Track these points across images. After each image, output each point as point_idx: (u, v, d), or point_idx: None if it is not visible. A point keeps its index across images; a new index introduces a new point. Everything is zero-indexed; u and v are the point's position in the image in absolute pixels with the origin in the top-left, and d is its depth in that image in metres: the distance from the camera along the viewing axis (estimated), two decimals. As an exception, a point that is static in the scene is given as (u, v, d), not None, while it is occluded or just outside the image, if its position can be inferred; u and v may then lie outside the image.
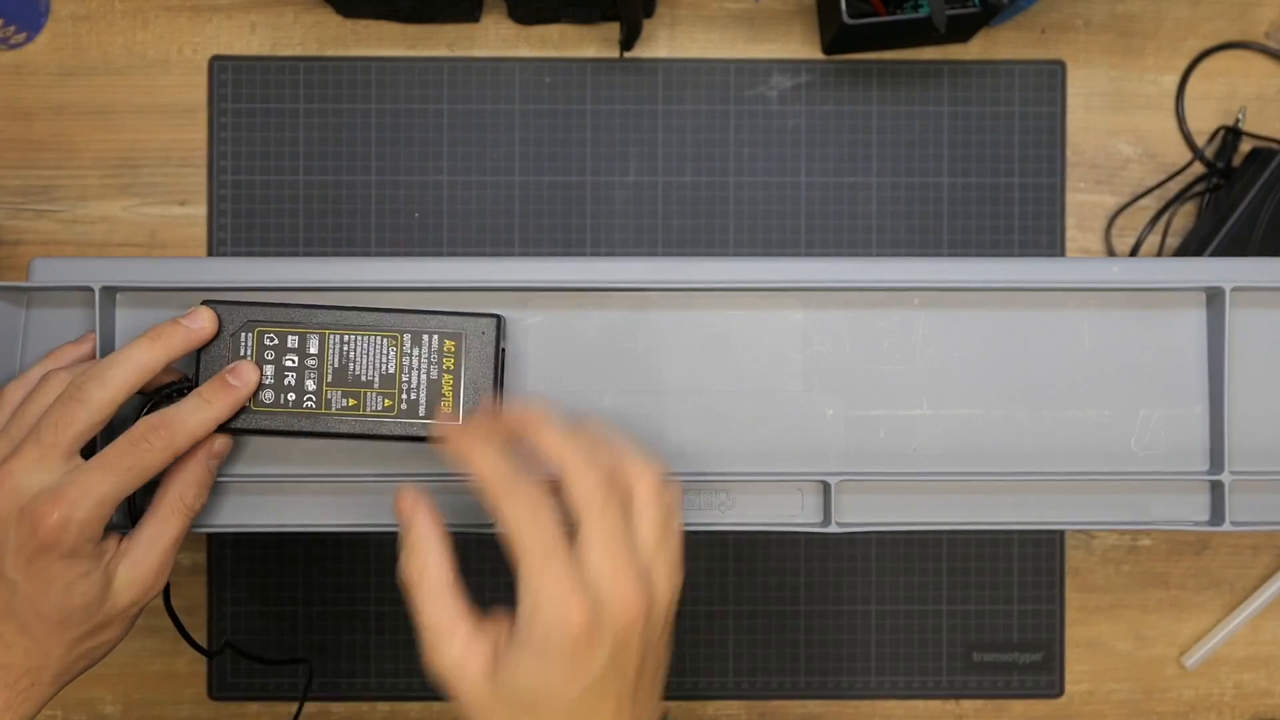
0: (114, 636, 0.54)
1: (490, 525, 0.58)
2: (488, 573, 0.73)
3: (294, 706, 0.73)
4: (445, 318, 0.55)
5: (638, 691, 0.49)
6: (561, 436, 0.49)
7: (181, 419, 0.52)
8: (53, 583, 0.50)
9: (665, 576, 0.49)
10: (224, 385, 0.54)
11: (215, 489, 0.57)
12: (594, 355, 0.58)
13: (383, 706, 0.74)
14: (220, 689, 0.74)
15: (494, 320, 0.55)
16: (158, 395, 0.55)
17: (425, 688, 0.74)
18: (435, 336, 0.55)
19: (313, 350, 0.55)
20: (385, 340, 0.55)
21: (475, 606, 0.49)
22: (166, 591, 0.59)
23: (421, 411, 0.55)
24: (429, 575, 0.49)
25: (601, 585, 0.47)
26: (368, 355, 0.55)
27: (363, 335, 0.55)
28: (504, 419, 0.50)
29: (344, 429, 0.55)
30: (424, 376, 0.55)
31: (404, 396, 0.55)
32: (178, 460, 0.53)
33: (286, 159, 0.74)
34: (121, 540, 0.53)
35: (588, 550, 0.47)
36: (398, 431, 0.55)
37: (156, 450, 0.51)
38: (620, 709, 0.48)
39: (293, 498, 0.59)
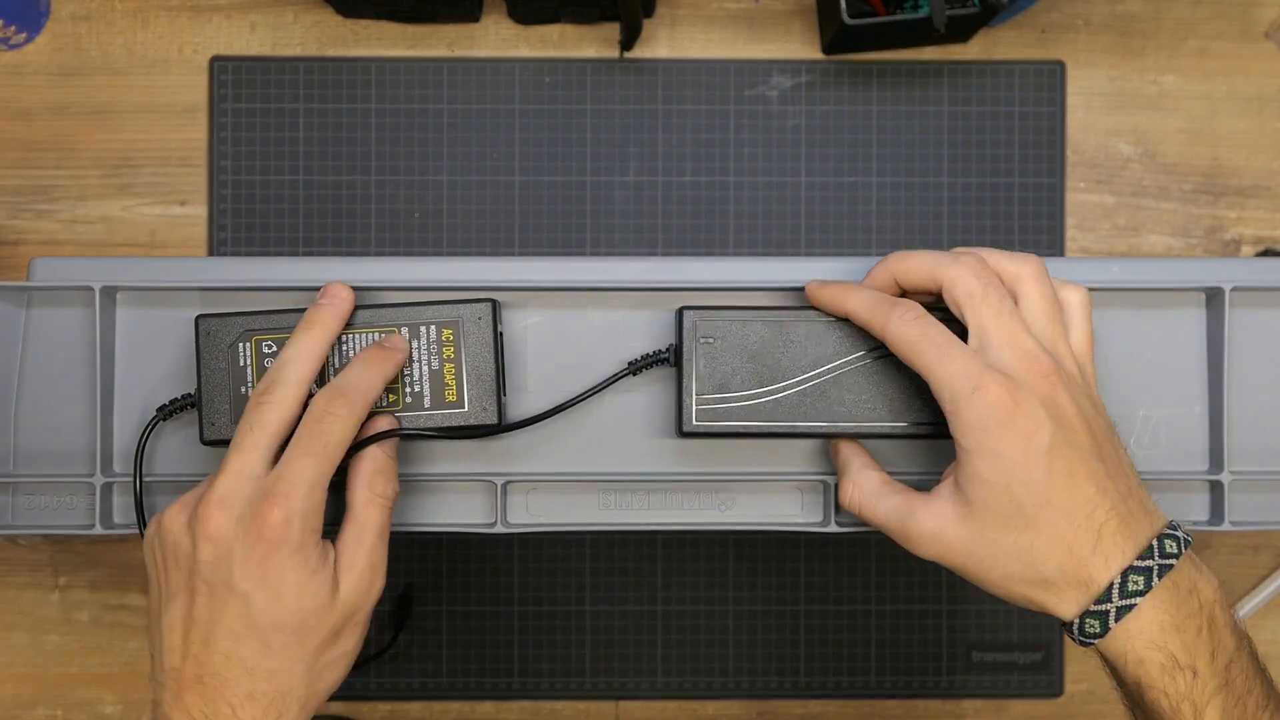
0: (350, 646, 0.52)
1: (490, 525, 0.58)
2: (488, 573, 0.73)
3: (294, 706, 0.73)
4: (440, 307, 0.55)
5: (1107, 465, 0.49)
6: (929, 259, 0.52)
7: (354, 384, 0.52)
8: (286, 585, 0.49)
9: (1065, 346, 0.51)
10: (381, 349, 0.54)
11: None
12: (594, 355, 0.58)
13: (383, 707, 0.74)
14: (220, 689, 0.74)
15: (489, 305, 0.55)
16: (163, 412, 0.55)
17: (425, 688, 0.74)
18: (433, 327, 0.55)
19: None
20: (383, 336, 0.55)
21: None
22: None
23: (427, 403, 0.55)
24: (864, 484, 0.54)
25: (1007, 361, 0.48)
26: None
27: (360, 333, 0.55)
28: (868, 274, 0.54)
29: None
30: (426, 368, 0.55)
31: (408, 389, 0.55)
32: (357, 458, 0.53)
33: (286, 159, 0.74)
34: (328, 546, 0.52)
35: (983, 335, 0.49)
36: (406, 428, 0.54)
37: (341, 418, 0.50)
38: (1098, 482, 0.48)
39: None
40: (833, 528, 0.58)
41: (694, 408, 0.55)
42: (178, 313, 0.57)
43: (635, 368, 0.57)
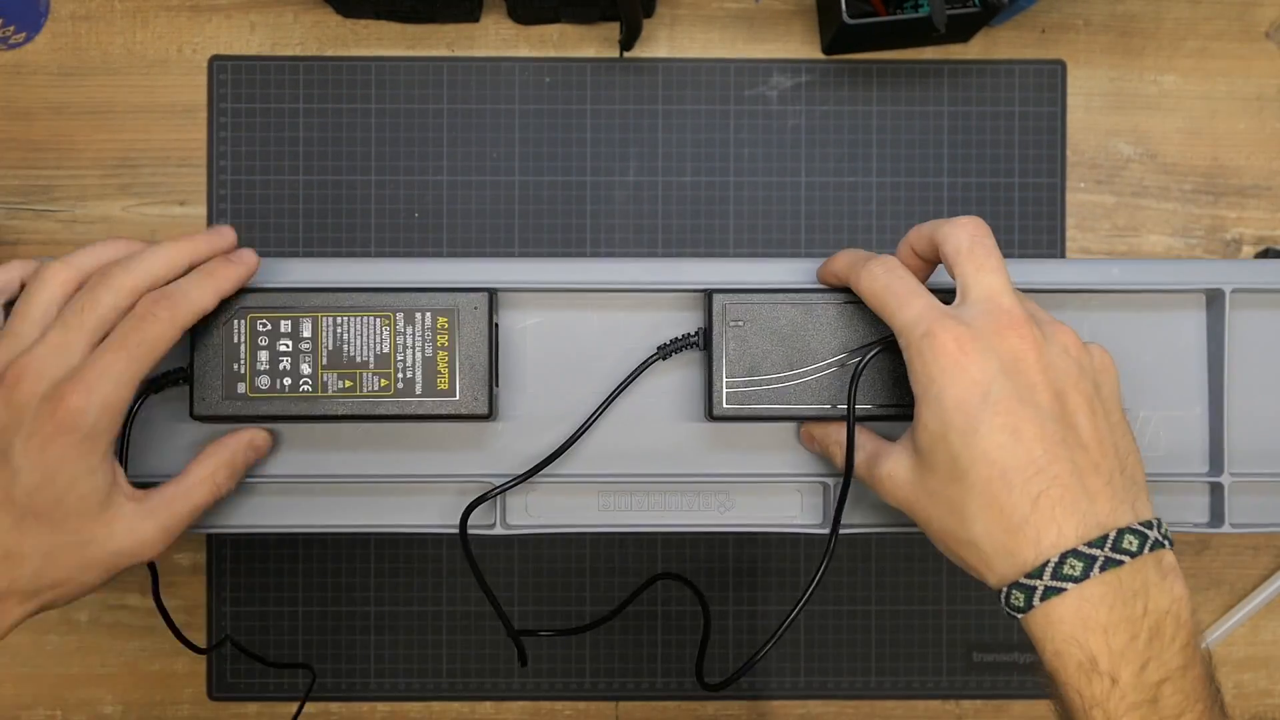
0: (89, 581, 0.51)
1: (490, 526, 0.58)
2: (488, 574, 0.73)
3: (293, 707, 0.73)
4: (437, 294, 0.55)
5: (1078, 434, 0.47)
6: (934, 222, 0.51)
7: (183, 290, 0.51)
8: (60, 472, 0.48)
9: (1059, 327, 0.49)
10: (225, 260, 0.53)
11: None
12: (593, 355, 0.58)
13: (382, 707, 0.74)
14: (220, 689, 0.74)
15: (485, 295, 0.55)
16: (153, 384, 0.55)
17: (425, 688, 0.74)
18: (428, 314, 0.55)
19: (306, 334, 0.55)
20: (378, 320, 0.55)
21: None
22: (155, 584, 0.59)
23: (418, 390, 0.55)
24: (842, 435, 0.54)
25: (975, 314, 0.48)
26: (361, 336, 0.55)
27: (355, 316, 0.55)
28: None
29: (341, 411, 0.55)
30: (419, 354, 0.55)
31: (400, 375, 0.55)
32: (216, 442, 0.54)
33: (286, 159, 0.74)
34: (141, 490, 0.52)
35: (964, 290, 0.49)
36: (394, 411, 0.55)
37: (162, 321, 0.50)
38: (1050, 446, 0.46)
39: (295, 499, 0.59)
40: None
41: (724, 391, 0.55)
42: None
43: (665, 352, 0.57)
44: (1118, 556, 0.45)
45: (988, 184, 0.74)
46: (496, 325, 0.56)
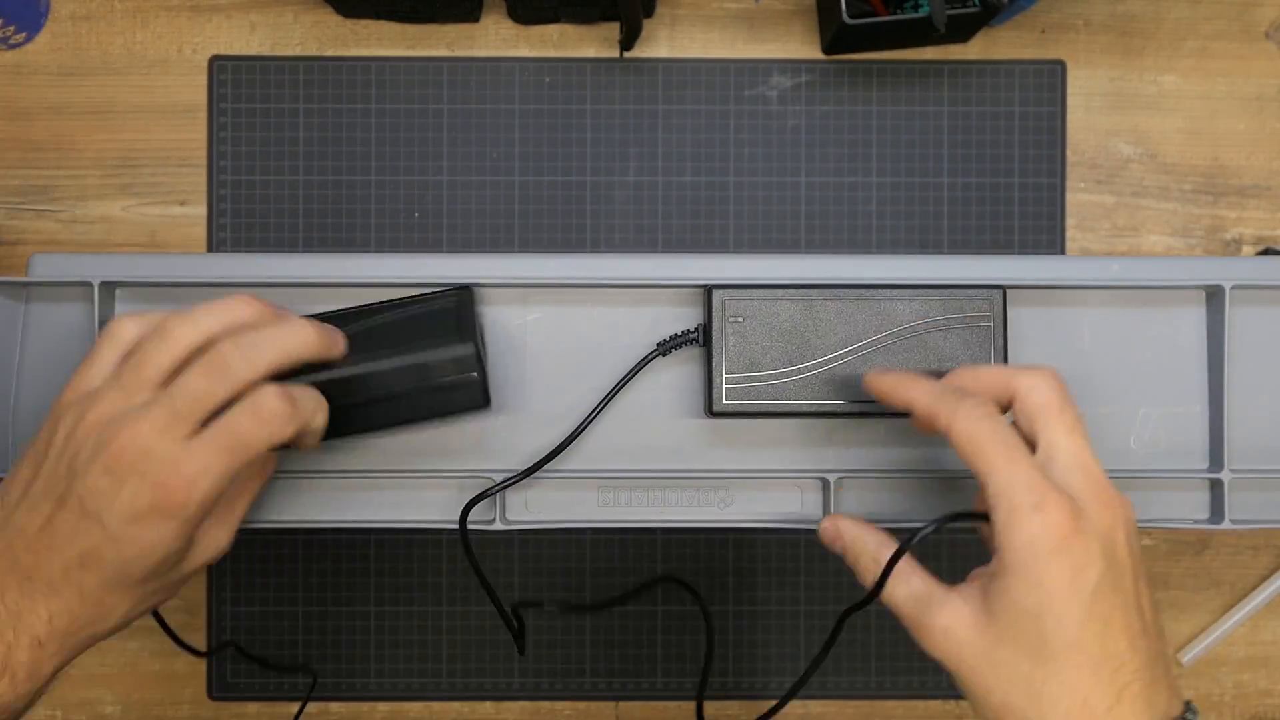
0: (169, 596, 0.53)
1: (489, 522, 0.58)
2: (488, 571, 0.73)
3: (294, 707, 0.73)
4: (415, 305, 0.56)
5: (1144, 620, 0.46)
6: (1002, 369, 0.49)
7: (306, 411, 0.50)
8: (154, 546, 0.48)
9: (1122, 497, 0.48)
10: (321, 332, 0.51)
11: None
12: (593, 351, 0.58)
13: (382, 707, 0.74)
14: (220, 689, 0.74)
15: (468, 291, 0.55)
16: None
17: (425, 688, 0.73)
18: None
19: None
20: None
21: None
22: None
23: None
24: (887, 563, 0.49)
25: (1074, 484, 0.46)
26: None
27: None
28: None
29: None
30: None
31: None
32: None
33: (286, 159, 0.74)
34: None
35: (1054, 450, 0.46)
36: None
37: (273, 432, 0.49)
38: (1132, 637, 0.45)
39: (293, 496, 0.59)
40: (832, 526, 0.58)
41: (724, 387, 0.55)
42: (176, 308, 0.57)
43: (665, 348, 0.57)
44: None
45: (988, 184, 0.74)
46: (480, 315, 0.57)
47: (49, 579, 0.48)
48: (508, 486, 0.56)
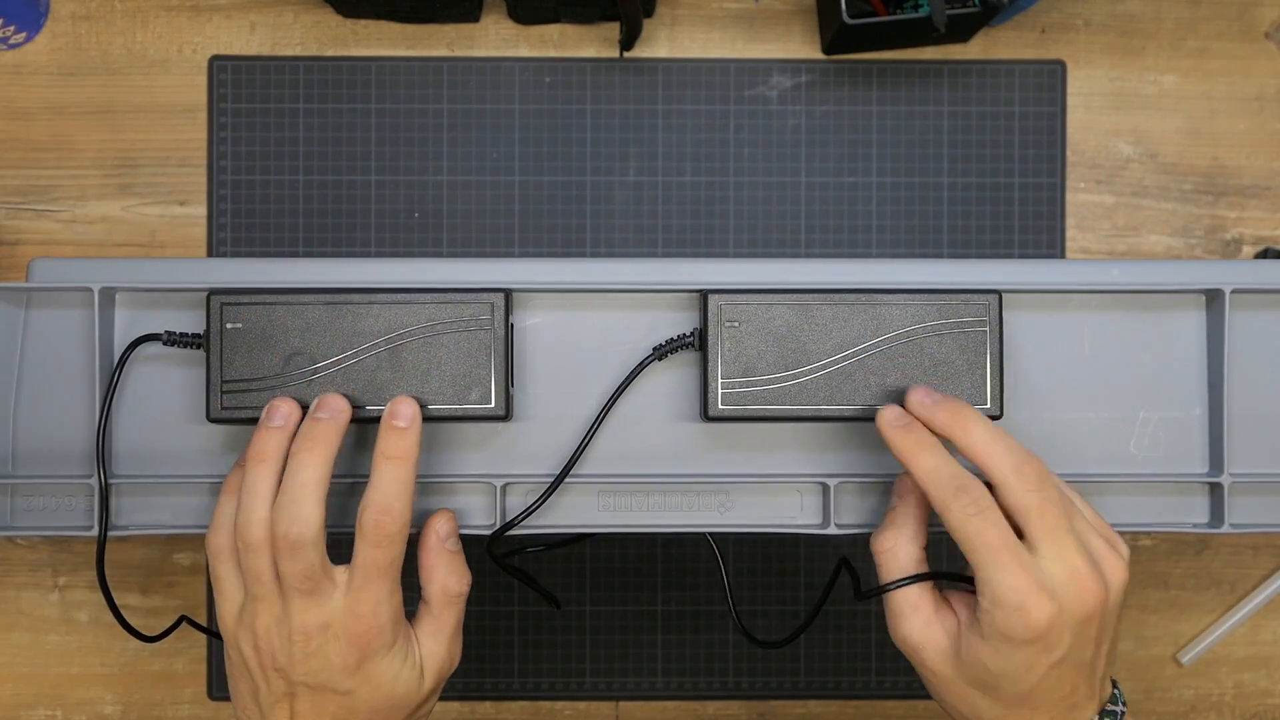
0: (426, 712, 0.57)
1: (490, 526, 0.58)
2: (487, 573, 0.73)
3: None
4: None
5: (1094, 671, 0.52)
6: (989, 435, 0.51)
7: (386, 492, 0.53)
8: (383, 678, 0.53)
9: (1113, 562, 0.52)
10: (392, 429, 0.54)
11: (211, 488, 0.57)
12: (591, 355, 0.58)
13: (383, 706, 0.74)
14: (220, 689, 0.74)
15: (502, 295, 0.55)
16: (161, 337, 0.56)
17: (425, 687, 0.74)
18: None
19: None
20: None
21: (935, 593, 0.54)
22: (100, 560, 0.57)
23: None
24: (899, 553, 0.54)
25: (1058, 582, 0.49)
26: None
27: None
28: (937, 413, 0.53)
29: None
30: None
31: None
32: (423, 553, 0.56)
33: (286, 159, 0.73)
34: (409, 631, 0.56)
35: (1040, 549, 0.50)
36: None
37: (396, 536, 0.52)
38: (1076, 688, 0.51)
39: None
40: (832, 529, 0.58)
41: (719, 392, 0.55)
42: (177, 314, 0.58)
43: (661, 353, 0.57)
44: None
45: (988, 184, 0.74)
46: (512, 325, 0.56)
47: None
48: (527, 516, 0.57)
